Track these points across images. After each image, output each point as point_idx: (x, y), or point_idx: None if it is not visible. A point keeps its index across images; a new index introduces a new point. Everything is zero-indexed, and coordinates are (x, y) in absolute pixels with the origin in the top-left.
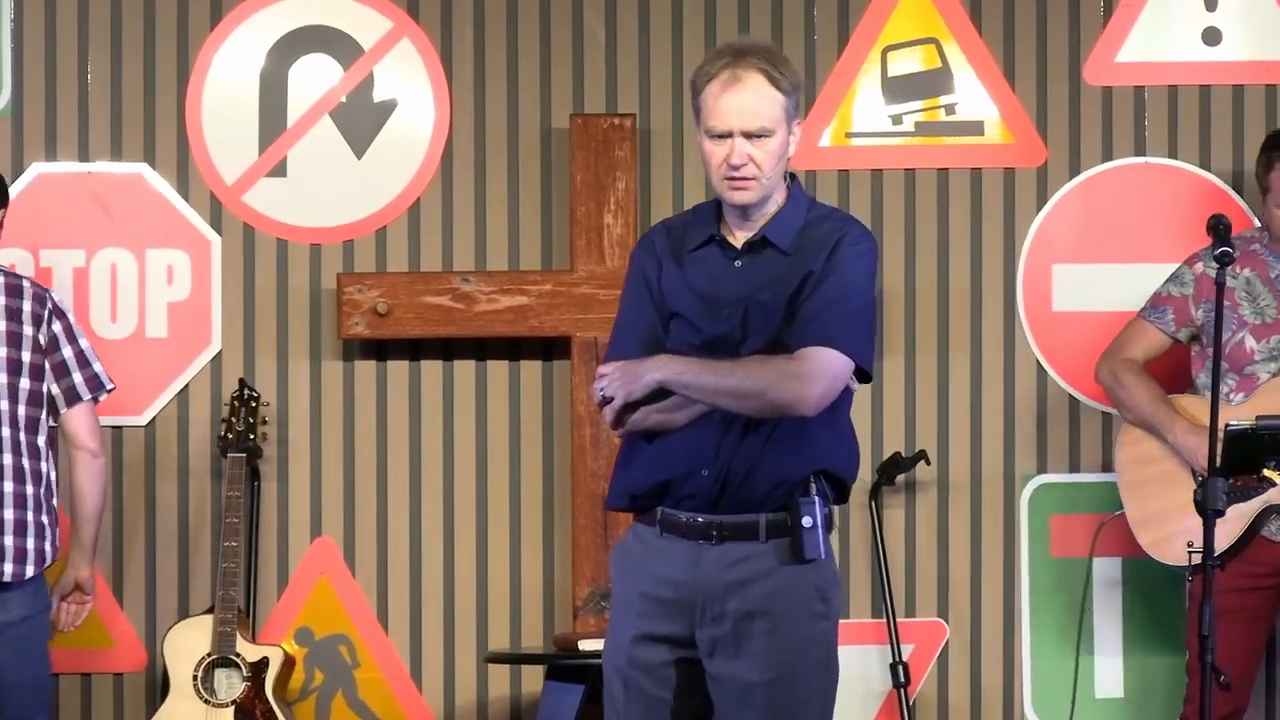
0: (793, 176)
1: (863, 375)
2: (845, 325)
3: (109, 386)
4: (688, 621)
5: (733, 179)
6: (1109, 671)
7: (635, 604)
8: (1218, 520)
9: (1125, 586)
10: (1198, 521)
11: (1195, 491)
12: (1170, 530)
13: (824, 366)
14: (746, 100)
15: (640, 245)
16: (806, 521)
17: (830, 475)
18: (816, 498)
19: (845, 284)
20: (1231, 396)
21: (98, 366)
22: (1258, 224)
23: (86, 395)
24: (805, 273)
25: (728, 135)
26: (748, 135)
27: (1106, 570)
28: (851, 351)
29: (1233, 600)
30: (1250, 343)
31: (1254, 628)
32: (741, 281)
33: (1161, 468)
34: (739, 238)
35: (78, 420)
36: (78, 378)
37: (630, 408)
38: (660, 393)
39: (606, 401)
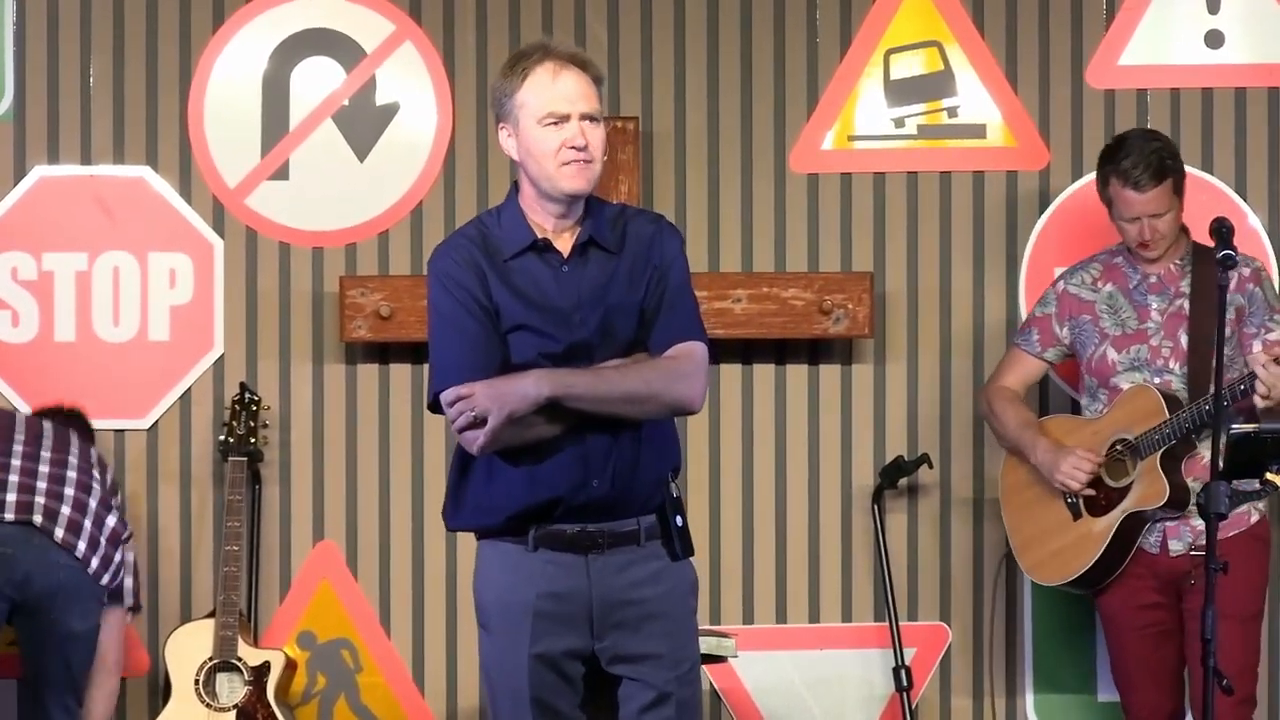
0: None
1: None
2: (697, 318)
3: (130, 604)
4: (584, 633)
5: (575, 162)
6: (1108, 670)
7: (525, 623)
8: (1071, 537)
9: None
10: (1068, 540)
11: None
12: (1046, 551)
13: (700, 361)
14: (581, 84)
15: (446, 259)
16: (679, 521)
17: (675, 470)
18: (678, 496)
19: (683, 278)
20: (1102, 411)
21: (130, 582)
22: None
23: (129, 600)
24: (646, 272)
25: (565, 119)
26: (585, 118)
27: None
28: (707, 343)
29: (1132, 617)
30: (1112, 355)
31: (1159, 644)
32: (577, 286)
33: (1035, 491)
34: (561, 241)
35: (111, 628)
36: (128, 582)
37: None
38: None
39: (477, 423)
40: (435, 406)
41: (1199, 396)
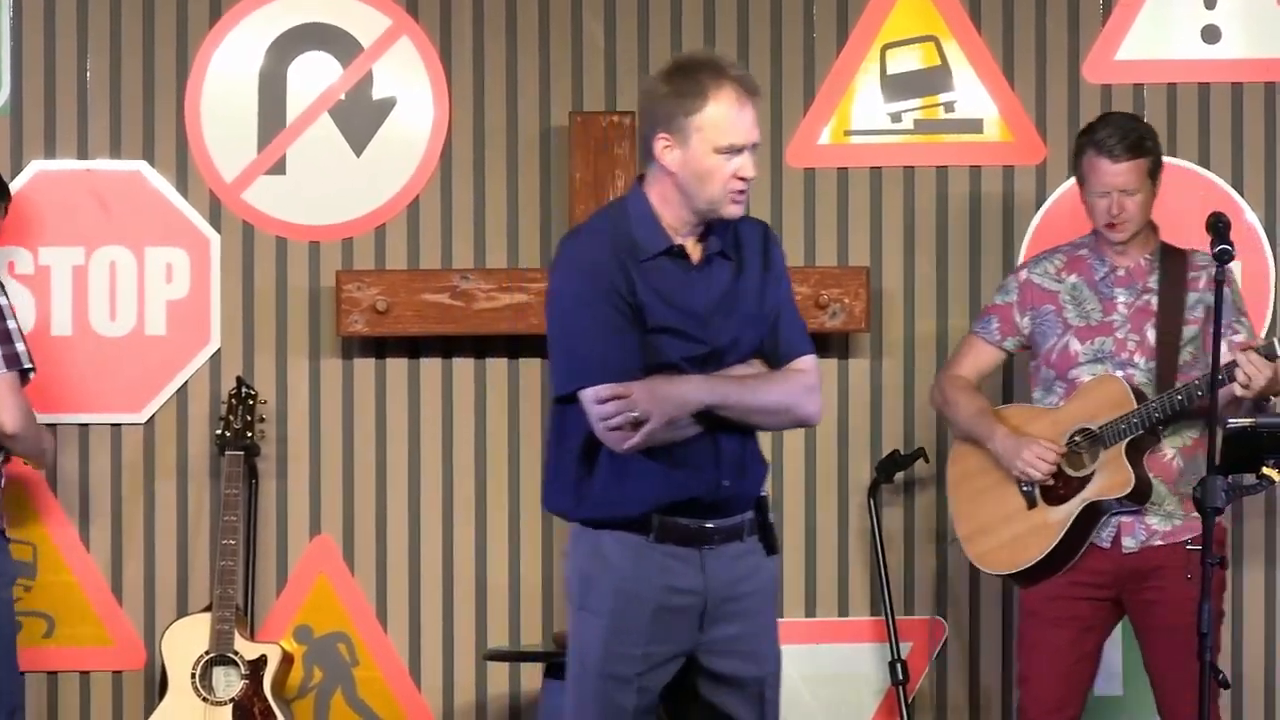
0: None
1: None
2: (805, 328)
3: (26, 366)
4: (695, 628)
5: (740, 191)
6: (1108, 669)
7: (644, 616)
8: (1025, 526)
9: None
10: (1022, 529)
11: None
12: (997, 540)
13: (818, 375)
14: (753, 115)
15: (588, 250)
16: (772, 517)
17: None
18: (766, 494)
19: (789, 285)
20: (1060, 403)
21: (20, 347)
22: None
23: (1, 369)
24: (766, 280)
25: (741, 150)
26: (754, 148)
27: None
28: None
29: (1055, 610)
30: (1075, 345)
31: (1078, 640)
32: (708, 292)
33: (988, 479)
34: (691, 247)
35: None
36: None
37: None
38: None
39: (639, 423)
40: (565, 398)
41: (1166, 391)
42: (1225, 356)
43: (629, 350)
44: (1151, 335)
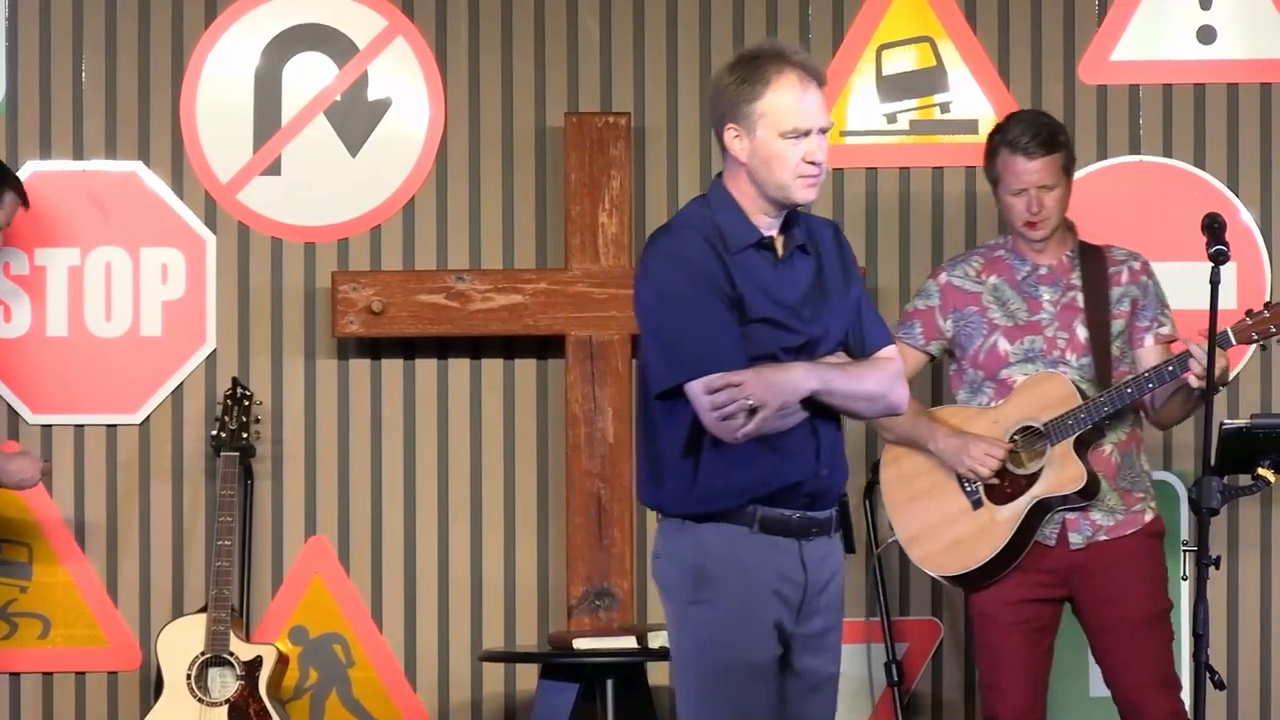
0: None
1: None
2: (885, 322)
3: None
4: (793, 619)
5: (810, 176)
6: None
7: (766, 597)
8: (972, 526)
9: None
10: (968, 529)
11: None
12: (943, 542)
13: (903, 364)
14: (820, 97)
15: (685, 244)
16: (853, 516)
17: None
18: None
19: (862, 280)
20: (993, 403)
21: None
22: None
23: None
24: (845, 274)
25: (807, 133)
26: (821, 131)
27: None
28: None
29: (1010, 614)
30: (1004, 345)
31: (1035, 641)
32: (795, 284)
33: (927, 481)
34: (777, 240)
35: None
36: None
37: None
38: None
39: (753, 411)
40: (669, 393)
41: (1104, 388)
42: (1153, 352)
43: (734, 341)
44: (1081, 332)
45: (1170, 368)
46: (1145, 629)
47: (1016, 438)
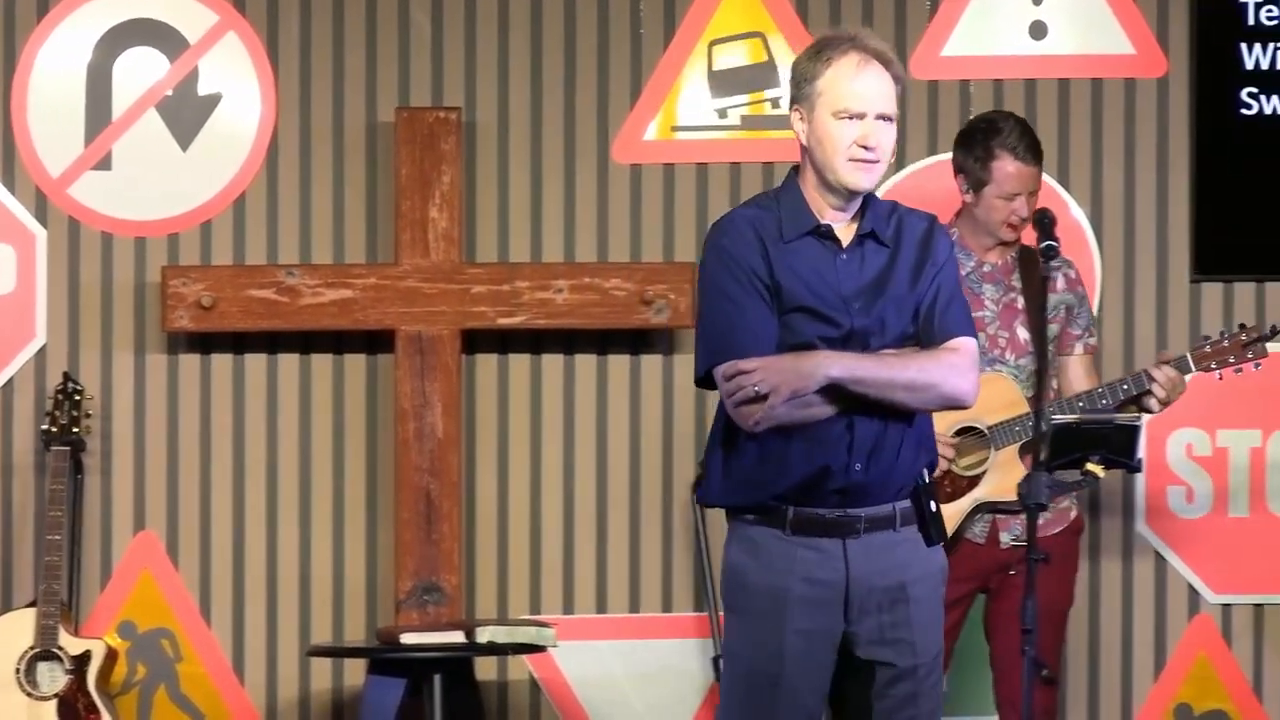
0: None
1: None
2: (970, 317)
3: None
4: (838, 616)
5: (861, 160)
6: None
7: (784, 607)
8: None
9: None
10: None
11: (1020, 484)
12: None
13: (974, 357)
14: (882, 83)
15: (728, 236)
16: (933, 506)
17: (931, 464)
18: (931, 483)
19: (957, 278)
20: None
21: None
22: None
23: None
24: (925, 268)
25: (860, 116)
26: (880, 117)
27: None
28: (977, 341)
29: None
30: None
31: (948, 639)
32: (856, 275)
33: None
34: (840, 230)
35: None
36: None
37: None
38: None
39: (759, 398)
40: (703, 381)
41: (1039, 390)
42: (1079, 361)
43: (762, 330)
44: (1022, 333)
45: (1124, 386)
46: (1045, 621)
47: (957, 437)
